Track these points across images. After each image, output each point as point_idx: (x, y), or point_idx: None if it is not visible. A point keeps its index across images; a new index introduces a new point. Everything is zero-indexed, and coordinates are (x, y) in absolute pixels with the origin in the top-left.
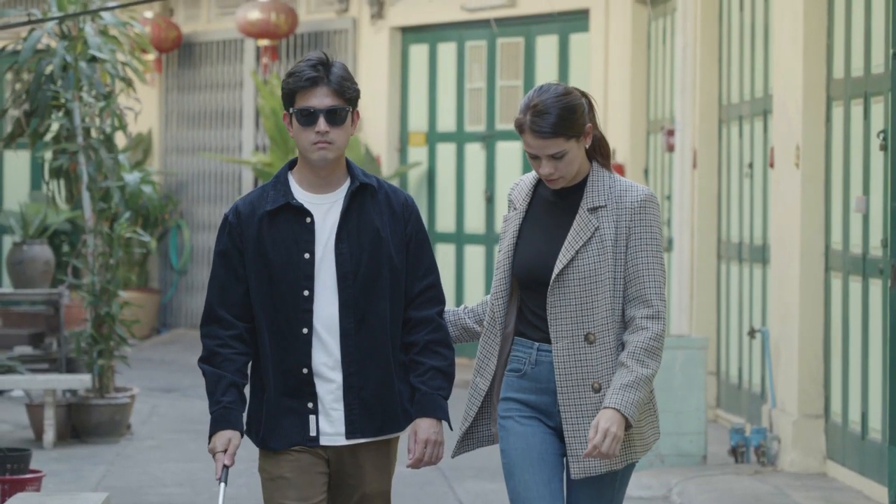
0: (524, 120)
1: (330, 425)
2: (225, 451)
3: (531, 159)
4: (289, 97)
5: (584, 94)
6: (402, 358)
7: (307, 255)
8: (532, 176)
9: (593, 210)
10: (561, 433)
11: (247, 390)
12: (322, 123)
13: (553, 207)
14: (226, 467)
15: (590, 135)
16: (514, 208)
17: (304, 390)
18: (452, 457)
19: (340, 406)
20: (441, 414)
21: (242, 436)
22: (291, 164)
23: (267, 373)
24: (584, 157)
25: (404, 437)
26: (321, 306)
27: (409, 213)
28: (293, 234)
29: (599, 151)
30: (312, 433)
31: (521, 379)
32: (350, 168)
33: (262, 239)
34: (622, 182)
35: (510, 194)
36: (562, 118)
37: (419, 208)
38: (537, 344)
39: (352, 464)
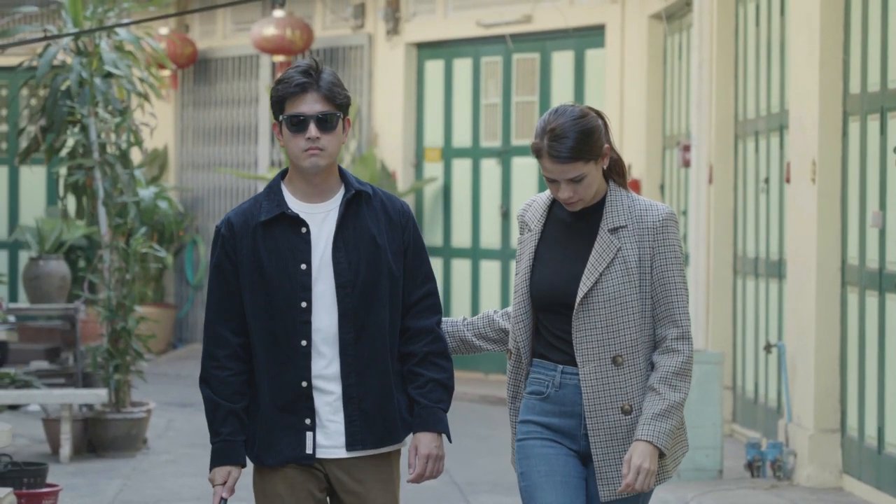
0: (542, 145)
1: (328, 438)
2: (224, 483)
3: (549, 183)
4: (278, 104)
5: (599, 115)
6: (399, 368)
7: (304, 266)
8: (546, 196)
9: (614, 230)
10: (583, 457)
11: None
12: (313, 129)
13: (571, 229)
14: (223, 499)
15: (607, 156)
16: (529, 230)
17: (302, 405)
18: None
19: (340, 418)
20: (442, 427)
21: (244, 466)
22: (284, 174)
23: (262, 387)
24: (602, 178)
25: (405, 451)
26: (319, 317)
27: (406, 220)
28: (289, 245)
29: (616, 171)
30: (308, 450)
31: (543, 402)
32: (343, 176)
33: (258, 251)
34: (641, 201)
35: (523, 215)
36: (580, 141)
37: (435, 224)
38: (560, 367)
39: (352, 479)
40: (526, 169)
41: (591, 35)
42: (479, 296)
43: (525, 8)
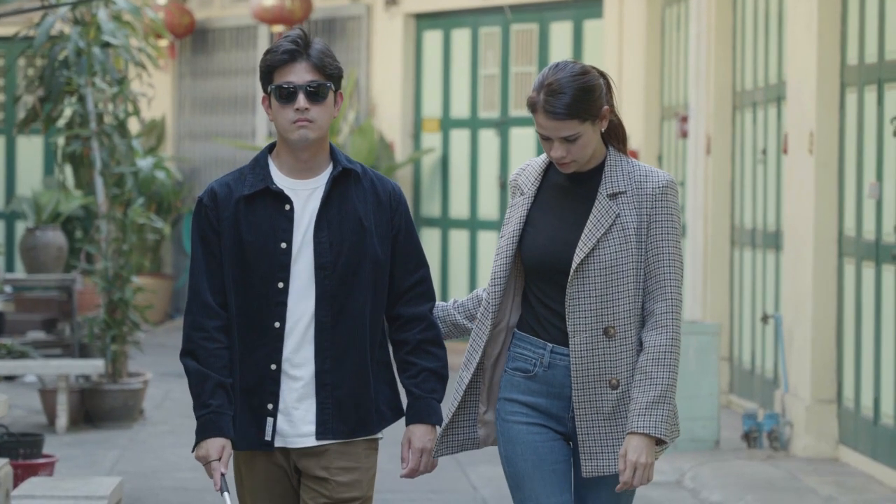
0: (537, 99)
1: (295, 426)
2: (219, 458)
3: (543, 140)
4: (266, 75)
5: (602, 74)
6: (385, 358)
7: (284, 245)
8: (541, 160)
9: (613, 196)
10: (569, 439)
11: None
12: (302, 100)
13: (567, 193)
14: (222, 475)
15: (606, 118)
16: (522, 193)
17: (267, 388)
18: (434, 457)
19: (311, 405)
20: (436, 420)
21: (234, 443)
22: (271, 148)
23: (233, 368)
24: (600, 141)
25: (388, 443)
26: (296, 299)
27: (397, 202)
28: (270, 222)
29: (616, 136)
30: (268, 437)
31: (529, 381)
32: (333, 153)
33: (238, 224)
34: (642, 167)
35: (515, 179)
36: (577, 99)
37: (433, 195)
38: (551, 345)
39: (318, 465)
40: (524, 140)
41: (590, 6)
42: (477, 266)
43: None
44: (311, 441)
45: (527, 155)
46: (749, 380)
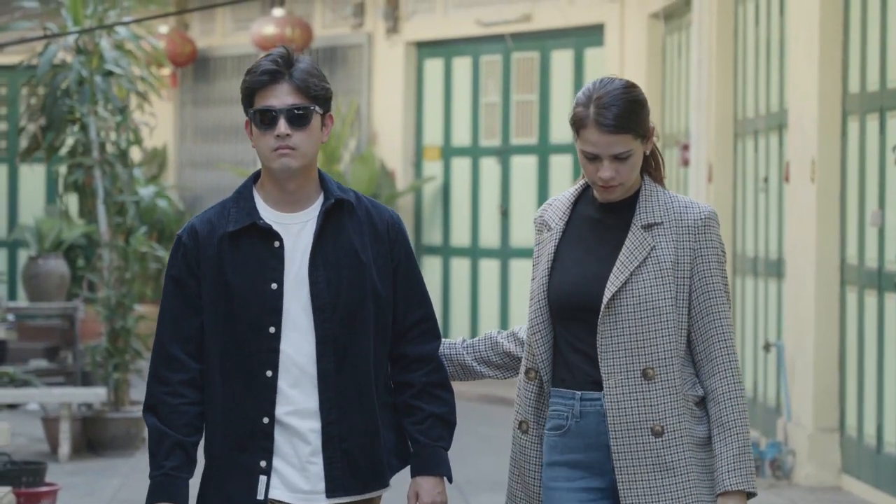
0: (586, 113)
1: (305, 482)
2: None
3: (587, 162)
4: (247, 97)
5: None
6: (389, 400)
7: (274, 286)
8: (569, 193)
9: (648, 227)
10: (615, 490)
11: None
12: (283, 126)
13: (598, 225)
14: None
15: (652, 138)
16: (549, 229)
17: (259, 444)
18: None
19: (317, 460)
20: (443, 470)
21: None
22: (257, 177)
23: (215, 421)
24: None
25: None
26: (291, 345)
27: (396, 233)
28: (258, 261)
29: (652, 163)
30: (260, 496)
31: (563, 437)
32: (324, 182)
33: (223, 265)
34: (680, 199)
35: (542, 216)
36: (630, 111)
37: (434, 223)
38: (579, 393)
39: None
40: (525, 168)
41: (591, 34)
42: (479, 295)
43: (524, 7)
44: (322, 500)
45: (528, 183)
46: (751, 408)
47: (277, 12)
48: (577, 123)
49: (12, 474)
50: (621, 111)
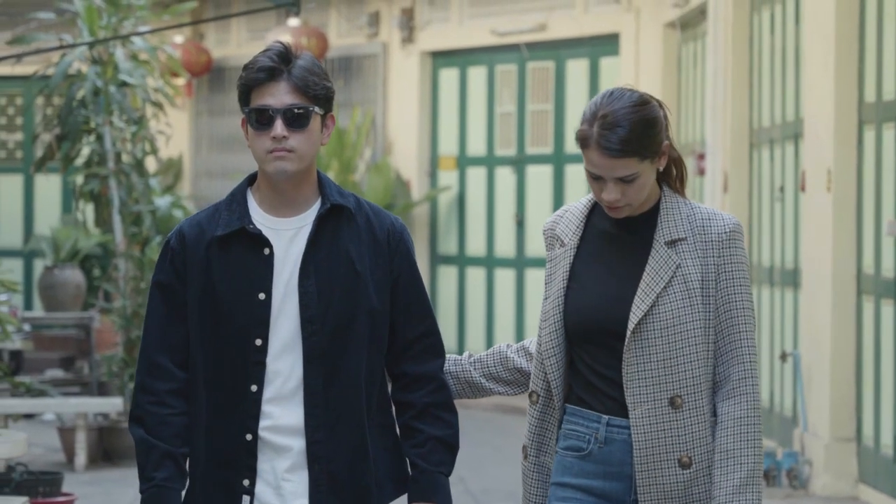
0: (590, 133)
1: (278, 499)
2: None
3: (592, 181)
4: (244, 95)
5: (660, 105)
6: (386, 421)
7: (262, 296)
8: (581, 204)
9: (672, 243)
10: None
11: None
12: (279, 127)
13: (616, 242)
14: None
15: (666, 154)
16: (562, 244)
17: (242, 462)
18: None
19: (293, 477)
20: (442, 498)
21: None
22: (253, 179)
23: (198, 437)
24: (654, 181)
25: None
26: (278, 358)
27: (397, 242)
28: (246, 269)
29: (674, 174)
30: None
31: (583, 461)
32: (323, 185)
33: (210, 271)
34: (702, 209)
35: (553, 229)
36: (636, 134)
37: (450, 232)
38: (606, 417)
39: None
40: (541, 177)
41: (606, 43)
42: (494, 304)
43: (539, 16)
44: None
45: (543, 193)
46: (768, 418)
47: (293, 22)
48: (581, 142)
49: (29, 484)
50: (627, 134)
